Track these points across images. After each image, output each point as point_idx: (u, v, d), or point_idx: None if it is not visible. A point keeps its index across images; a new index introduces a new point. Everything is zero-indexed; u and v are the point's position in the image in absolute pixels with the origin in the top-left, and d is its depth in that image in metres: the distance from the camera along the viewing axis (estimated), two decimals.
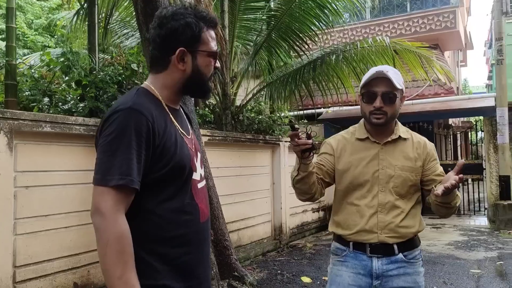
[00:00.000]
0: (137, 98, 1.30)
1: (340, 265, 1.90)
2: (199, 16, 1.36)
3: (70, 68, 3.99)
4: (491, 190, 8.81)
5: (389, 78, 1.77)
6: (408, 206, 1.84)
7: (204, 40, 1.37)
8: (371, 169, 1.84)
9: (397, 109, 1.85)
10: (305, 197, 1.88)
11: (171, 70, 1.37)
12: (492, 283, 4.68)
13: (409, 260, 1.84)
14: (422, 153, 1.88)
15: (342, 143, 1.94)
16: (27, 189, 3.30)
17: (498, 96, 8.56)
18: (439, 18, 12.18)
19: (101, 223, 1.19)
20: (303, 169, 1.76)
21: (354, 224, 1.84)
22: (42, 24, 13.25)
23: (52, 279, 3.45)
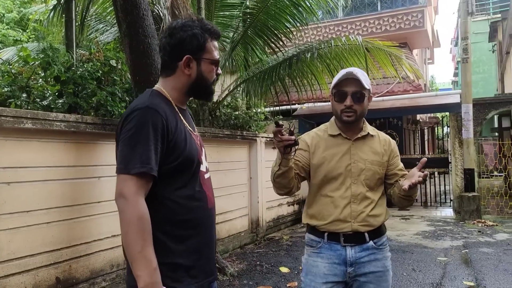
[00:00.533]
0: (152, 98, 1.49)
1: (315, 256, 2.01)
2: (204, 28, 1.55)
3: (50, 64, 3.98)
4: (457, 182, 9.22)
5: (358, 78, 1.93)
6: (377, 196, 2.01)
7: (208, 49, 1.56)
8: (343, 163, 1.98)
9: (366, 107, 2.01)
10: (284, 191, 2.00)
11: (178, 74, 1.56)
12: (457, 269, 4.97)
13: (378, 246, 2.00)
14: (388, 149, 2.06)
15: (316, 139, 2.08)
16: (9, 185, 3.31)
17: (463, 93, 8.94)
18: (408, 17, 12.58)
19: (124, 205, 1.37)
20: (285, 164, 1.87)
21: (329, 214, 1.97)
22: (14, 18, 12.86)
23: (35, 274, 3.47)
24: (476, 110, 9.08)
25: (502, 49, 13.71)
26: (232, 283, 4.50)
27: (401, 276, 4.70)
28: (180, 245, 1.48)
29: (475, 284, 4.45)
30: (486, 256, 5.56)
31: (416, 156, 10.63)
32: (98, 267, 4.03)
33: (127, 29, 4.08)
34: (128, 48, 4.12)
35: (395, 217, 8.99)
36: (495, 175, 13.90)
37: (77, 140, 3.87)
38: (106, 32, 7.33)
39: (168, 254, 1.46)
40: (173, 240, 1.47)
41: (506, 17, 12.08)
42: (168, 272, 1.43)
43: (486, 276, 4.69)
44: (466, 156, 8.90)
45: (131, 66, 4.17)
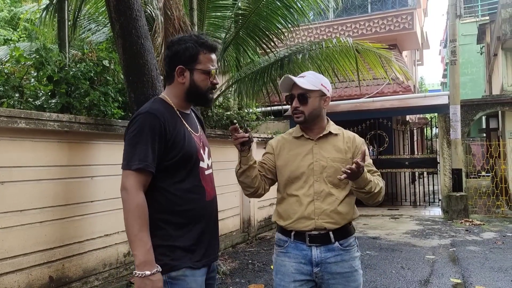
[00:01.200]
0: (153, 104, 1.73)
1: (283, 256, 2.05)
2: (198, 42, 1.75)
3: (43, 64, 3.99)
4: (445, 182, 9.37)
5: (295, 83, 2.02)
6: (342, 194, 2.03)
7: (201, 61, 1.75)
8: (306, 162, 2.04)
9: (317, 108, 2.04)
10: (249, 191, 2.08)
11: (175, 83, 1.78)
12: (445, 267, 5.07)
13: (344, 248, 2.01)
14: (352, 146, 2.09)
15: (281, 142, 2.17)
16: (2, 185, 3.33)
17: (452, 95, 9.08)
18: (398, 20, 12.72)
19: (126, 196, 1.60)
20: (244, 162, 1.99)
21: (294, 212, 2.02)
22: (5, 17, 12.73)
23: (28, 273, 3.49)
24: (464, 111, 9.23)
25: (490, 51, 13.93)
26: (224, 281, 4.55)
27: (390, 274, 4.79)
28: (178, 231, 1.68)
29: (462, 281, 4.55)
30: (473, 254, 5.67)
31: (406, 157, 10.77)
32: (91, 266, 4.06)
33: (120, 29, 4.10)
34: (121, 49, 4.15)
35: (384, 217, 9.11)
36: (482, 175, 14.13)
37: (70, 140, 3.89)
38: (98, 32, 7.32)
39: (168, 239, 1.66)
40: (172, 227, 1.68)
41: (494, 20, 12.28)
42: (167, 252, 1.64)
43: (473, 273, 4.80)
44: (454, 156, 9.04)
45: (124, 67, 4.19)
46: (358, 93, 10.86)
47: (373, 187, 1.97)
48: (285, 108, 10.47)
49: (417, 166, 10.42)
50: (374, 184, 1.97)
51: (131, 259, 4.46)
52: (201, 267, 1.71)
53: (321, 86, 2.05)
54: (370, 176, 1.97)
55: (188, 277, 1.66)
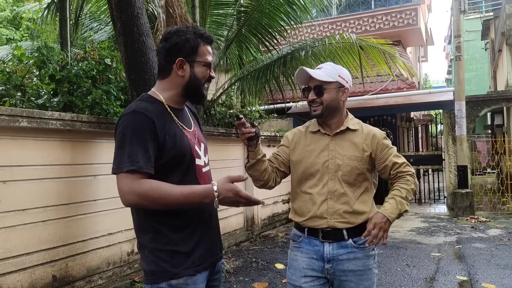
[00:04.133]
0: (140, 103, 1.61)
1: (296, 251, 2.05)
2: (197, 33, 1.65)
3: (45, 63, 3.98)
4: (450, 179, 9.31)
5: (309, 74, 1.95)
6: (358, 192, 1.97)
7: (200, 53, 1.65)
8: (321, 160, 1.98)
9: (334, 99, 1.97)
10: (259, 183, 2.04)
11: (173, 76, 1.66)
12: (451, 265, 5.03)
13: (358, 245, 1.96)
14: (371, 143, 2.00)
15: (297, 136, 2.10)
16: (5, 184, 3.32)
17: (456, 91, 9.01)
18: (402, 16, 12.64)
19: (129, 198, 1.47)
20: (252, 156, 1.93)
21: (307, 210, 1.99)
22: (7, 16, 12.76)
23: (31, 272, 3.48)
24: (469, 107, 9.16)
25: (495, 47, 13.82)
26: (228, 280, 4.53)
27: (396, 272, 4.75)
28: (178, 234, 1.58)
29: (468, 278, 4.51)
30: (478, 251, 5.62)
31: (410, 154, 10.71)
32: (95, 265, 4.05)
33: (121, 27, 4.09)
34: (123, 47, 4.14)
35: None
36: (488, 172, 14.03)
37: (73, 139, 3.88)
38: (100, 30, 7.32)
39: (168, 243, 1.57)
40: (172, 229, 1.58)
41: (498, 15, 12.18)
42: (168, 257, 1.55)
43: (479, 270, 4.76)
44: (459, 153, 8.97)
45: (126, 65, 4.18)
46: (362, 90, 10.80)
47: (405, 205, 1.89)
48: (288, 106, 10.43)
49: (422, 163, 10.35)
50: (404, 204, 1.89)
51: (135, 257, 4.45)
52: (202, 270, 1.64)
53: (339, 77, 1.98)
54: (396, 204, 1.87)
55: (189, 285, 1.58)
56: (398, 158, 2.02)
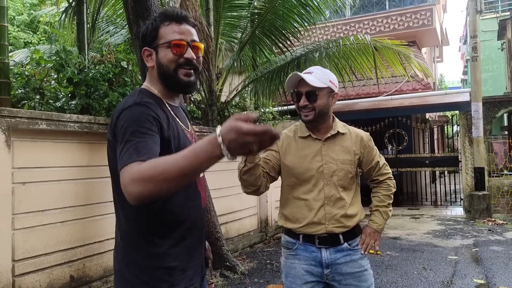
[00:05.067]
0: (141, 96, 1.41)
1: (292, 258, 2.01)
2: (160, 15, 1.47)
3: (63, 66, 4.05)
4: (467, 181, 9.17)
5: (304, 80, 1.93)
6: (350, 196, 2.00)
7: (162, 35, 1.44)
8: (315, 165, 1.97)
9: (326, 105, 1.97)
10: (251, 189, 1.95)
11: (149, 69, 1.50)
12: (468, 268, 4.96)
13: (353, 247, 1.99)
14: (360, 146, 2.05)
15: (286, 141, 2.06)
16: (24, 185, 3.38)
17: (473, 91, 8.89)
18: (417, 16, 12.52)
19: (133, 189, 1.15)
20: (250, 160, 1.84)
21: (303, 217, 1.96)
22: (24, 20, 13.00)
23: (50, 272, 3.54)
24: (485, 108, 9.03)
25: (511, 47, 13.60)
26: (243, 281, 4.54)
27: (412, 275, 4.70)
28: (175, 248, 1.41)
29: (486, 282, 4.44)
30: (496, 254, 5.54)
31: (426, 155, 10.59)
32: (111, 265, 4.06)
33: (138, 31, 4.14)
34: (139, 50, 4.17)
35: (404, 217, 8.97)
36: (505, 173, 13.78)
37: (90, 141, 3.93)
38: (116, 34, 7.42)
39: (165, 258, 1.39)
40: (170, 242, 1.40)
41: None
42: (165, 276, 1.38)
43: (497, 274, 4.68)
44: (476, 154, 8.85)
45: (141, 68, 4.23)
46: (376, 91, 10.72)
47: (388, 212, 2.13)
48: None
49: (438, 165, 10.23)
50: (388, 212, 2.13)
51: None
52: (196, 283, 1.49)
53: (330, 83, 1.98)
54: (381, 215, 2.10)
55: None
56: (381, 159, 2.14)
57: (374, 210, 2.12)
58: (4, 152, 3.19)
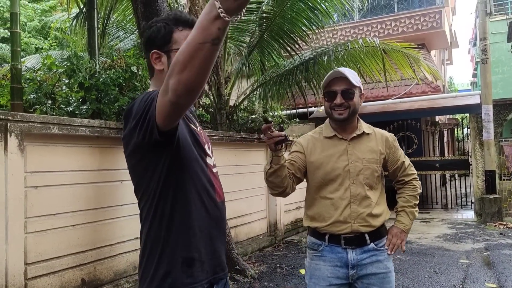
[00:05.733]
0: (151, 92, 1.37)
1: (318, 260, 2.02)
2: (172, 20, 1.47)
3: (75, 71, 4.09)
4: (478, 184, 9.09)
5: (346, 77, 1.97)
6: (376, 195, 2.02)
7: (176, 40, 1.45)
8: (341, 164, 1.99)
9: (358, 104, 2.03)
10: (277, 190, 1.99)
11: (156, 72, 1.50)
12: (480, 272, 4.91)
13: (379, 248, 2.00)
14: (385, 146, 2.07)
15: (311, 142, 2.10)
16: (36, 189, 3.42)
17: (483, 94, 8.82)
18: (426, 18, 12.46)
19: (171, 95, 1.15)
20: (276, 162, 1.88)
21: (329, 216, 1.98)
22: (35, 26, 13.18)
23: (61, 275, 3.57)
24: (496, 111, 8.96)
25: None
26: (253, 285, 4.54)
27: (423, 279, 4.67)
28: (195, 238, 1.42)
29: (498, 285, 4.39)
30: (508, 258, 5.47)
31: (436, 158, 10.52)
32: (122, 269, 4.12)
33: None
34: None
35: (415, 220, 8.88)
36: None
37: (101, 145, 3.97)
38: (126, 39, 7.49)
39: (188, 247, 1.41)
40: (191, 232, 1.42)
41: None
42: (184, 267, 1.39)
43: (509, 278, 4.63)
44: (487, 157, 8.77)
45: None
46: (385, 94, 10.68)
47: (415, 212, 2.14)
48: (311, 111, 10.40)
49: (448, 168, 10.15)
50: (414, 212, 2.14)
51: None
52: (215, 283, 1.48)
53: (359, 83, 2.04)
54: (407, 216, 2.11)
55: None
56: (406, 159, 2.15)
57: (400, 211, 2.13)
58: (17, 156, 3.24)
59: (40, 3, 14.01)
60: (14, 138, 3.20)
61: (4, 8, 12.65)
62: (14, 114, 3.27)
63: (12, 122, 3.20)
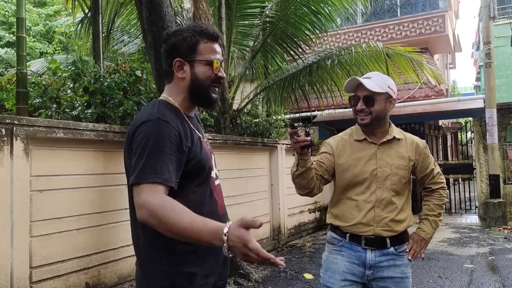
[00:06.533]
0: (162, 109, 1.44)
1: (336, 254, 2.05)
2: (197, 31, 1.52)
3: (79, 75, 4.12)
4: (482, 189, 9.06)
5: (363, 84, 1.96)
6: (402, 201, 2.02)
7: (201, 51, 1.51)
8: (369, 168, 2.00)
9: (383, 110, 2.00)
10: (304, 191, 2.02)
11: (175, 80, 1.54)
12: (484, 276, 4.89)
13: (399, 253, 2.01)
14: (416, 153, 2.07)
15: (341, 143, 2.11)
16: (41, 193, 3.43)
17: (487, 98, 8.80)
18: (429, 23, 12.47)
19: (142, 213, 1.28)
20: (302, 165, 1.91)
21: (352, 217, 2.00)
22: (40, 31, 13.27)
23: (66, 279, 3.57)
24: (500, 115, 8.93)
25: None
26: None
27: (428, 284, 4.65)
28: (194, 254, 1.44)
29: None
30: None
31: (440, 162, 10.48)
32: (126, 273, 4.12)
33: (152, 40, 4.21)
34: (153, 59, 4.25)
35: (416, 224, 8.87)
36: None
37: (105, 149, 3.98)
38: (130, 43, 7.54)
39: (185, 263, 1.43)
40: (189, 248, 1.42)
41: None
42: (185, 282, 1.41)
43: None
44: (491, 161, 8.74)
45: (156, 76, 4.28)
46: None
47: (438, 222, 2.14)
48: (314, 115, 10.40)
49: (452, 172, 10.11)
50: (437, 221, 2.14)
51: None
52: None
53: (388, 88, 2.01)
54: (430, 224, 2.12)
55: None
56: (436, 167, 2.14)
57: (424, 219, 2.15)
58: (23, 160, 3.25)
59: (45, 8, 14.11)
60: (19, 142, 3.22)
61: (9, 12, 12.75)
62: (20, 118, 3.29)
63: (18, 126, 3.21)
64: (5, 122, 3.13)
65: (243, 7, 7.36)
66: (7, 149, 3.14)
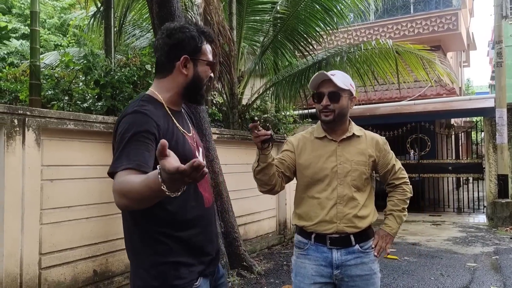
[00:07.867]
0: (142, 103, 1.51)
1: (303, 258, 2.05)
2: (201, 31, 1.60)
3: (91, 69, 4.22)
4: (490, 188, 9.01)
5: (331, 79, 1.98)
6: (364, 198, 2.03)
7: (204, 51, 1.60)
8: (330, 165, 2.02)
9: (345, 107, 2.03)
10: (266, 188, 2.03)
11: (175, 74, 1.58)
12: (486, 275, 4.90)
13: (364, 250, 2.02)
14: (376, 149, 2.09)
15: (302, 141, 2.12)
16: (52, 182, 3.54)
17: (497, 97, 8.73)
18: (442, 20, 12.36)
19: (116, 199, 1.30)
20: (263, 160, 1.92)
21: (315, 215, 2.01)
22: (55, 23, 13.46)
23: (74, 266, 3.69)
24: (510, 115, 8.85)
25: None
26: (259, 281, 4.62)
27: (429, 281, 4.69)
28: (180, 245, 1.51)
29: None
30: None
31: (449, 161, 10.44)
32: None
33: None
34: None
35: (425, 223, 8.87)
36: None
37: None
38: (141, 37, 7.63)
39: (171, 254, 1.49)
40: (174, 240, 1.50)
41: None
42: (171, 270, 1.48)
43: None
44: (500, 161, 8.68)
45: None
46: (399, 96, 10.64)
47: (402, 217, 2.15)
48: None
49: (461, 171, 10.06)
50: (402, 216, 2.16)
51: None
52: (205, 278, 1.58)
53: (350, 86, 2.04)
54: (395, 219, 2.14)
55: None
56: (397, 163, 2.17)
57: (388, 214, 2.17)
58: (34, 150, 3.37)
59: (60, 1, 14.30)
60: (31, 133, 3.33)
61: (25, 5, 12.95)
62: (32, 109, 3.40)
63: (30, 117, 3.33)
64: (17, 113, 3.25)
65: (254, 2, 7.41)
66: (19, 139, 3.26)
